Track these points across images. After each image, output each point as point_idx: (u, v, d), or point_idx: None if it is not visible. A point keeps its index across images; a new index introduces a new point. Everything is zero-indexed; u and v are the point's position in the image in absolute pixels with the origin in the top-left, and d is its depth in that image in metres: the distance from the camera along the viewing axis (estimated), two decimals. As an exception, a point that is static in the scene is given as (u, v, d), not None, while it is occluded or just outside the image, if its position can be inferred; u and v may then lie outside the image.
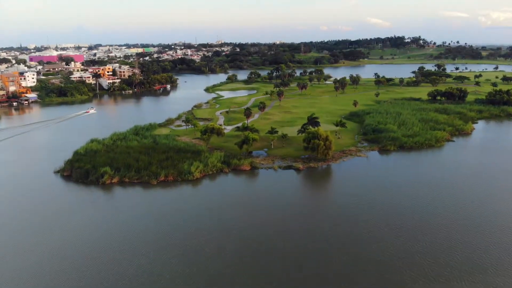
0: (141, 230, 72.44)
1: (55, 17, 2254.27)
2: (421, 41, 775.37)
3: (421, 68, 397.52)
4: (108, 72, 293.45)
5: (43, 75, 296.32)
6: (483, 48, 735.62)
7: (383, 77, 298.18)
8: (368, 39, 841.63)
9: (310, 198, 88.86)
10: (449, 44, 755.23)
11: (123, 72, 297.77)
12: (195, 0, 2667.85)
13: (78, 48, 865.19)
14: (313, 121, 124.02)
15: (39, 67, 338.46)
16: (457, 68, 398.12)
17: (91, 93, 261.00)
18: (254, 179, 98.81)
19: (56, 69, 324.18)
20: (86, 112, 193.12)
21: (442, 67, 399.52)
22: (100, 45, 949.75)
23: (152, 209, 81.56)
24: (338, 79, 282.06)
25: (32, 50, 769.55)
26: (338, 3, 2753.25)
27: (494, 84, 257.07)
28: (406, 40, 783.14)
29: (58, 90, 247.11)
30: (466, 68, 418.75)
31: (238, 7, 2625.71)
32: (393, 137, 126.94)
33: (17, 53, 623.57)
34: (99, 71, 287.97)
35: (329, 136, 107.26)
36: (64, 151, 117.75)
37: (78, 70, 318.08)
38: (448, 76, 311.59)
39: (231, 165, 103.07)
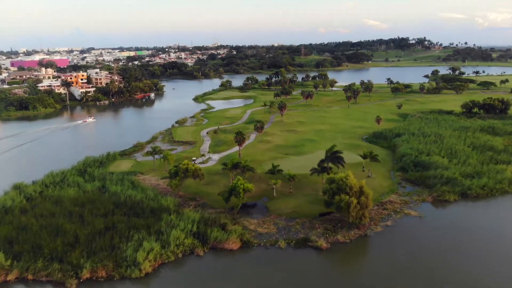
0: None
1: (53, 20, 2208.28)
2: (426, 43, 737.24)
3: (435, 72, 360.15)
4: (81, 79, 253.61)
5: (8, 83, 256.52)
6: (492, 49, 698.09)
7: (398, 82, 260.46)
8: (370, 40, 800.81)
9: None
10: (457, 45, 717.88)
11: (100, 79, 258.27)
12: (193, 2, 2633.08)
13: (71, 51, 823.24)
14: (334, 157, 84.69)
15: (5, 74, 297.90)
16: (476, 72, 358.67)
17: (59, 104, 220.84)
18: (245, 271, 59.01)
19: (24, 76, 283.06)
20: (83, 122, 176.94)
21: (457, 71, 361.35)
22: (93, 49, 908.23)
23: None
24: (348, 85, 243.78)
25: (21, 54, 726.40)
26: (335, 5, 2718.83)
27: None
28: (411, 42, 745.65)
29: (18, 102, 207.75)
30: (483, 72, 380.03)
31: (235, 9, 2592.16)
32: (447, 177, 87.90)
33: (4, 58, 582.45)
34: (71, 78, 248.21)
35: (364, 187, 68.25)
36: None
37: (49, 78, 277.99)
38: (471, 81, 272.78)
39: (209, 240, 63.56)
